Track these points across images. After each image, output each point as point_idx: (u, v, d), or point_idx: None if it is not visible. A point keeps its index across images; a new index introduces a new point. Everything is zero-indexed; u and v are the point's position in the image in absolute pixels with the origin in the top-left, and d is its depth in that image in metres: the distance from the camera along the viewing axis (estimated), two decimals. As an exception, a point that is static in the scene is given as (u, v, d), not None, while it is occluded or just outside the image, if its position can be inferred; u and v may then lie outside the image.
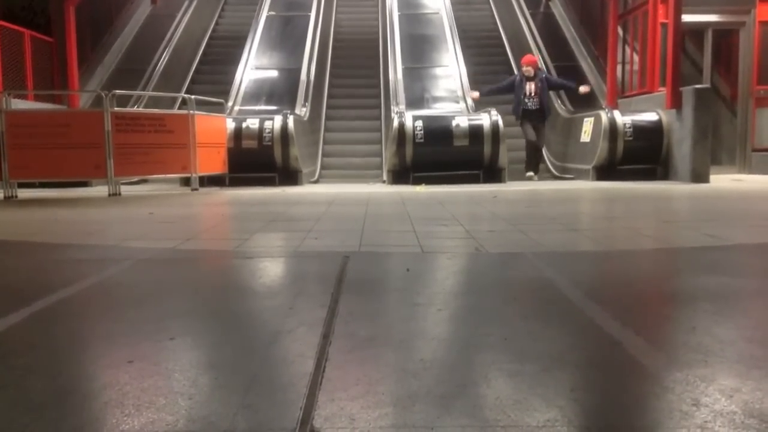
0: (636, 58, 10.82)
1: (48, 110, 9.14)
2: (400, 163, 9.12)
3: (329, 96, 12.74)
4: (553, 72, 11.90)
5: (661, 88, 9.67)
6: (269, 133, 9.01)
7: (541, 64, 11.56)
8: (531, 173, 9.83)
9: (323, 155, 11.34)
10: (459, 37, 12.36)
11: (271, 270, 3.17)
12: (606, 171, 9.42)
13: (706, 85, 9.72)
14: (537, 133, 9.81)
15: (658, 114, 9.43)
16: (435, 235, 4.15)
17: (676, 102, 9.04)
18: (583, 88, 10.00)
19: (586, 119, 9.99)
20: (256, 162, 9.09)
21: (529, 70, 9.86)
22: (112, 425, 1.38)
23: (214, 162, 8.78)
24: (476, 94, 10.24)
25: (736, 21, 10.66)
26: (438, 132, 9.15)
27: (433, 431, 1.33)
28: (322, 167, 11.07)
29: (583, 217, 5.47)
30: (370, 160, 11.17)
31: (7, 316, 2.25)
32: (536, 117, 9.80)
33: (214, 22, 14.93)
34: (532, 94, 9.73)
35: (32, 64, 10.31)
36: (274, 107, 10.40)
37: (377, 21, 14.67)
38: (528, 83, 9.78)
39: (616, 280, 2.88)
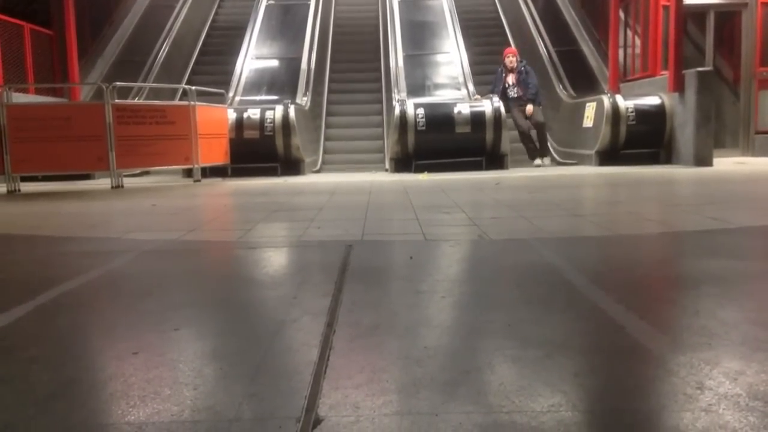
0: (638, 41, 10.75)
1: (49, 103, 9.13)
2: (402, 151, 9.10)
3: (330, 84, 12.70)
4: (554, 56, 11.86)
5: (664, 72, 9.60)
6: (270, 123, 8.99)
7: (544, 54, 11.76)
8: (539, 161, 9.76)
9: (325, 144, 11.31)
10: (460, 24, 12.28)
11: (275, 260, 3.17)
12: (609, 156, 9.38)
13: (708, 67, 9.65)
14: (530, 115, 9.83)
15: (660, 98, 9.38)
16: (438, 222, 4.15)
17: (678, 85, 8.98)
18: (528, 108, 9.83)
19: (588, 104, 9.95)
20: (258, 152, 9.08)
21: (512, 61, 10.02)
22: (117, 416, 1.38)
23: (216, 153, 8.77)
24: None
25: (738, 2, 10.56)
26: (440, 119, 9.12)
27: (437, 417, 1.33)
28: (325, 156, 11.05)
29: (586, 203, 5.46)
30: (372, 148, 11.14)
31: (13, 309, 2.26)
32: (521, 102, 9.88)
33: (213, 12, 14.86)
34: (513, 84, 9.95)
35: (32, 58, 10.29)
36: (275, 97, 10.37)
37: (377, 8, 14.58)
38: (509, 75, 10.01)
39: (619, 265, 2.88)
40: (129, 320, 2.12)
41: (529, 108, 9.80)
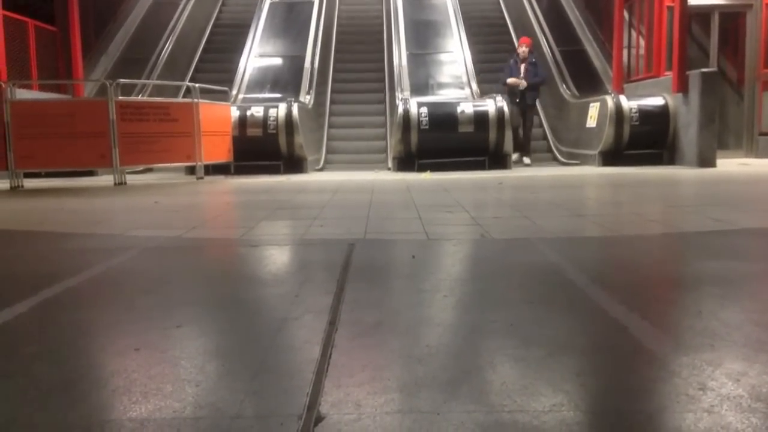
0: (642, 42, 10.73)
1: (53, 100, 9.13)
2: (405, 150, 9.10)
3: (333, 83, 12.69)
4: (558, 56, 11.85)
5: (668, 72, 9.59)
6: (274, 121, 9.00)
7: (547, 53, 11.73)
8: (516, 156, 9.92)
9: (328, 143, 11.31)
10: (463, 23, 12.27)
11: (277, 258, 3.17)
12: (612, 156, 9.37)
13: (712, 68, 9.63)
14: (524, 114, 9.99)
15: (664, 98, 9.36)
16: (440, 221, 4.14)
17: (682, 86, 8.97)
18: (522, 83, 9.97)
19: (592, 104, 9.93)
20: (261, 150, 9.08)
21: (525, 51, 10.03)
22: (119, 412, 1.39)
23: (219, 150, 8.78)
24: None
25: (742, 4, 10.54)
26: (443, 118, 9.12)
27: (439, 416, 1.33)
28: (327, 155, 11.05)
29: (588, 203, 5.45)
30: (375, 147, 11.14)
31: (15, 305, 2.26)
32: (523, 97, 9.96)
33: (217, 10, 14.84)
34: (522, 75, 9.96)
35: (36, 54, 10.30)
36: (278, 95, 10.37)
37: (381, 7, 14.57)
38: (521, 65, 10.03)
39: (622, 265, 2.87)
40: (131, 317, 2.12)
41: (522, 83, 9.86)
